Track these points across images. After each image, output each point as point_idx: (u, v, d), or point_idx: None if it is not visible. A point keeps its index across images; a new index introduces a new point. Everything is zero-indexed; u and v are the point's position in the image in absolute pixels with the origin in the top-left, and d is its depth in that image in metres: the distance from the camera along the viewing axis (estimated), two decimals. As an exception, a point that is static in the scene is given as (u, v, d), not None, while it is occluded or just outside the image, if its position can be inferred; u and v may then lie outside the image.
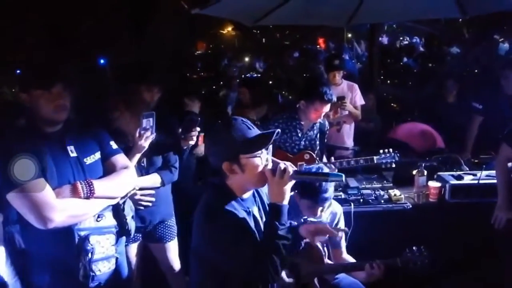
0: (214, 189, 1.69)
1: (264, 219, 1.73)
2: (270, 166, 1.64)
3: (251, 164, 1.59)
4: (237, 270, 1.61)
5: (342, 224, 2.64)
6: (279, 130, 1.63)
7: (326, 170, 1.60)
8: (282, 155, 3.22)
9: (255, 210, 1.74)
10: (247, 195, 1.70)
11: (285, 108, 4.01)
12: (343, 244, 2.65)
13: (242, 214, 1.62)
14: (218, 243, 1.60)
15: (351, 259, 2.59)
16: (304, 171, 1.62)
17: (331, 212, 2.59)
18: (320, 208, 2.41)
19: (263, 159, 1.62)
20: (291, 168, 1.60)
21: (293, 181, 1.61)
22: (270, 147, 1.71)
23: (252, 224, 1.66)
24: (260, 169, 1.61)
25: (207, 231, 1.63)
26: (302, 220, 2.51)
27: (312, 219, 2.52)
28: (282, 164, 1.61)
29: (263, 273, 1.53)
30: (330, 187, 2.33)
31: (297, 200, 2.45)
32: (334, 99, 3.19)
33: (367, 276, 2.35)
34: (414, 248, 2.34)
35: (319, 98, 3.07)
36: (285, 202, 1.59)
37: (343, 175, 1.60)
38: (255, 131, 1.64)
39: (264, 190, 1.80)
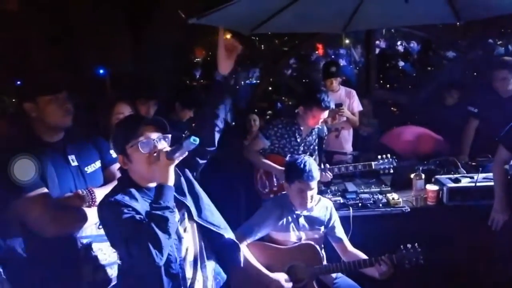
0: (119, 180, 1.76)
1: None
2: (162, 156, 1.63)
3: (135, 153, 1.65)
4: (119, 252, 1.71)
5: (335, 217, 2.68)
6: (161, 118, 1.70)
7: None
8: (281, 160, 3.25)
9: None
10: (154, 184, 1.69)
11: (284, 113, 4.05)
12: (343, 236, 2.69)
13: (140, 202, 1.64)
14: (104, 228, 1.68)
15: (359, 253, 2.61)
16: (173, 148, 1.64)
17: (322, 205, 2.66)
18: (309, 193, 2.46)
19: (148, 146, 1.64)
20: (166, 148, 1.65)
21: (175, 161, 1.63)
22: (169, 138, 1.71)
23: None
24: (145, 156, 1.64)
25: (99, 217, 1.69)
26: (295, 216, 2.56)
27: (305, 213, 2.57)
28: (160, 146, 1.65)
29: (136, 255, 1.53)
30: (312, 164, 2.47)
31: (289, 191, 2.51)
32: (332, 105, 3.22)
33: (378, 274, 2.41)
34: (408, 245, 2.38)
35: (317, 104, 3.11)
36: (169, 182, 1.61)
37: (192, 137, 1.58)
38: (135, 121, 1.72)
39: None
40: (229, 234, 1.90)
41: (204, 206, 1.83)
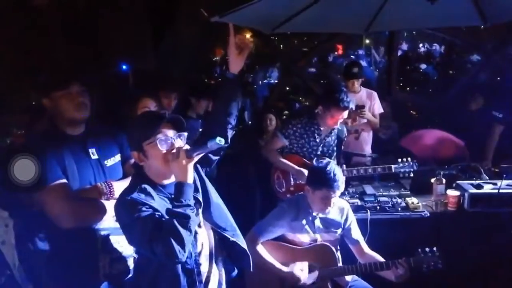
0: (134, 177, 1.76)
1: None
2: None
3: (153, 150, 1.65)
4: (139, 249, 1.73)
5: (351, 218, 2.65)
6: (178, 116, 1.71)
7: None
8: (299, 160, 3.23)
9: None
10: (169, 181, 1.73)
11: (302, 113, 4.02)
12: (359, 238, 2.66)
13: (156, 200, 1.65)
14: (121, 226, 1.68)
15: (376, 255, 2.59)
16: (193, 146, 1.66)
17: (339, 207, 2.62)
18: (333, 200, 2.45)
19: (166, 143, 1.65)
20: (186, 146, 1.65)
21: (194, 159, 1.64)
22: (185, 136, 1.71)
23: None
24: (163, 153, 1.65)
25: (116, 215, 1.70)
26: (311, 218, 2.54)
27: (321, 215, 2.55)
28: (179, 145, 1.66)
29: (159, 251, 1.53)
30: (340, 173, 2.43)
31: (310, 194, 2.48)
32: (352, 106, 3.17)
33: (394, 277, 2.39)
34: (426, 249, 2.34)
35: (335, 104, 3.07)
36: (188, 180, 1.62)
37: (217, 138, 1.57)
38: (152, 117, 1.72)
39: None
40: (236, 237, 1.87)
41: (213, 206, 1.83)
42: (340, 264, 2.56)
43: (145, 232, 1.54)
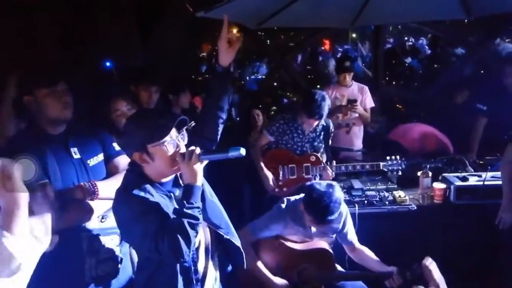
0: (130, 175, 1.71)
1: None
2: (182, 150, 1.64)
3: (159, 152, 1.62)
4: (140, 247, 1.69)
5: (348, 223, 2.63)
6: (185, 118, 1.67)
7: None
8: (287, 154, 3.24)
9: (178, 193, 1.74)
10: (167, 179, 1.72)
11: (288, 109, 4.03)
12: (354, 239, 2.65)
13: (156, 198, 1.62)
14: (122, 224, 1.66)
15: (366, 250, 2.59)
16: (209, 150, 1.65)
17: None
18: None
19: (173, 145, 1.63)
20: (198, 149, 1.62)
21: (205, 162, 1.63)
22: (185, 134, 1.69)
23: (171, 206, 1.66)
24: (169, 154, 1.62)
25: (116, 213, 1.67)
26: (308, 227, 2.52)
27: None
28: (192, 147, 1.63)
29: (165, 250, 1.52)
30: (337, 209, 2.29)
31: (303, 211, 2.43)
32: (324, 114, 3.12)
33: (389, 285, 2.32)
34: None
35: (307, 115, 3.11)
36: (198, 183, 1.61)
37: (241, 148, 1.58)
38: (160, 119, 1.66)
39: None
40: (229, 235, 1.86)
41: (207, 203, 1.80)
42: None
43: (150, 229, 1.53)
